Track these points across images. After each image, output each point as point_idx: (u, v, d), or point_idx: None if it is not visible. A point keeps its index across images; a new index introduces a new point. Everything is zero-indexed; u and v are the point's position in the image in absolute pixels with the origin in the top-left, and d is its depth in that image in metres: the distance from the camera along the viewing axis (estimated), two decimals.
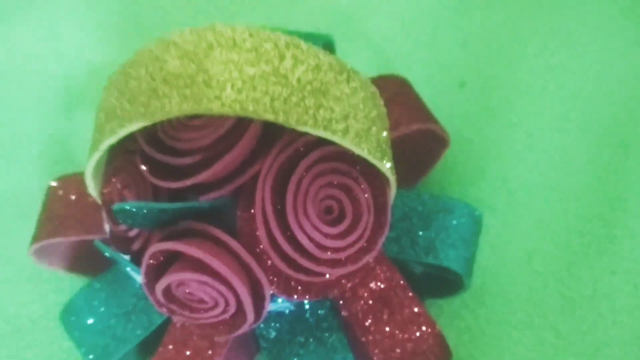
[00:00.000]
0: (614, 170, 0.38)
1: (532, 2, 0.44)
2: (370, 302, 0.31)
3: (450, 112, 0.40)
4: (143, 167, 0.26)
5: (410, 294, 0.31)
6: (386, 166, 0.26)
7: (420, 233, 0.32)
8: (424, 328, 0.31)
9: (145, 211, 0.25)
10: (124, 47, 0.46)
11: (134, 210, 0.25)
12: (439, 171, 0.38)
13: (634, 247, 0.36)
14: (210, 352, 0.29)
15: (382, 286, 0.31)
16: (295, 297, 0.27)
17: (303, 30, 0.38)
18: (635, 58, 0.41)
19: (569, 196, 0.38)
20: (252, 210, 0.26)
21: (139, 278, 0.30)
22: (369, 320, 0.30)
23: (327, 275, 0.27)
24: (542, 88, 0.41)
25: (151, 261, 0.25)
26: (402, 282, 0.31)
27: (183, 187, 0.26)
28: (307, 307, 0.30)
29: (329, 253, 0.26)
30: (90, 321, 0.33)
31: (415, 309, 0.31)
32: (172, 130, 0.26)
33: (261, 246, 0.26)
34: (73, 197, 0.34)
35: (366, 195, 0.27)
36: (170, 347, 0.30)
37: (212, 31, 0.23)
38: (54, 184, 0.35)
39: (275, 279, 0.26)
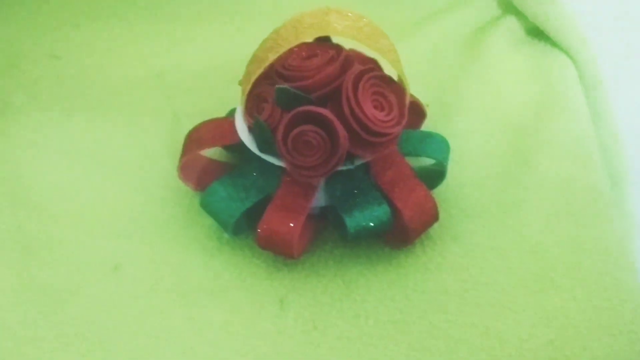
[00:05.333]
0: (523, 134, 0.64)
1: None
2: (393, 176, 0.54)
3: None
4: (278, 79, 0.50)
5: (414, 174, 0.54)
6: (405, 81, 0.51)
7: (417, 144, 0.56)
8: (423, 193, 0.54)
9: (290, 93, 0.49)
10: None
11: (287, 89, 0.49)
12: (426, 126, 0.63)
13: (536, 181, 0.61)
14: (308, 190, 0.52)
15: (399, 169, 0.54)
16: (361, 151, 0.50)
17: None
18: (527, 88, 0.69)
19: (500, 146, 0.63)
20: (340, 101, 0.50)
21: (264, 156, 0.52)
22: (393, 186, 0.53)
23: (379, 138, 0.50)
24: (477, 93, 0.68)
25: (290, 121, 0.48)
26: (410, 168, 0.54)
27: (302, 87, 0.50)
28: (356, 172, 0.53)
29: (379, 124, 0.50)
30: (222, 195, 0.54)
31: (418, 182, 0.54)
32: (294, 62, 0.51)
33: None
34: (210, 125, 0.56)
35: (394, 98, 0.51)
36: (284, 191, 0.52)
37: (327, 7, 0.49)
38: (194, 127, 0.58)
39: (351, 137, 0.50)
